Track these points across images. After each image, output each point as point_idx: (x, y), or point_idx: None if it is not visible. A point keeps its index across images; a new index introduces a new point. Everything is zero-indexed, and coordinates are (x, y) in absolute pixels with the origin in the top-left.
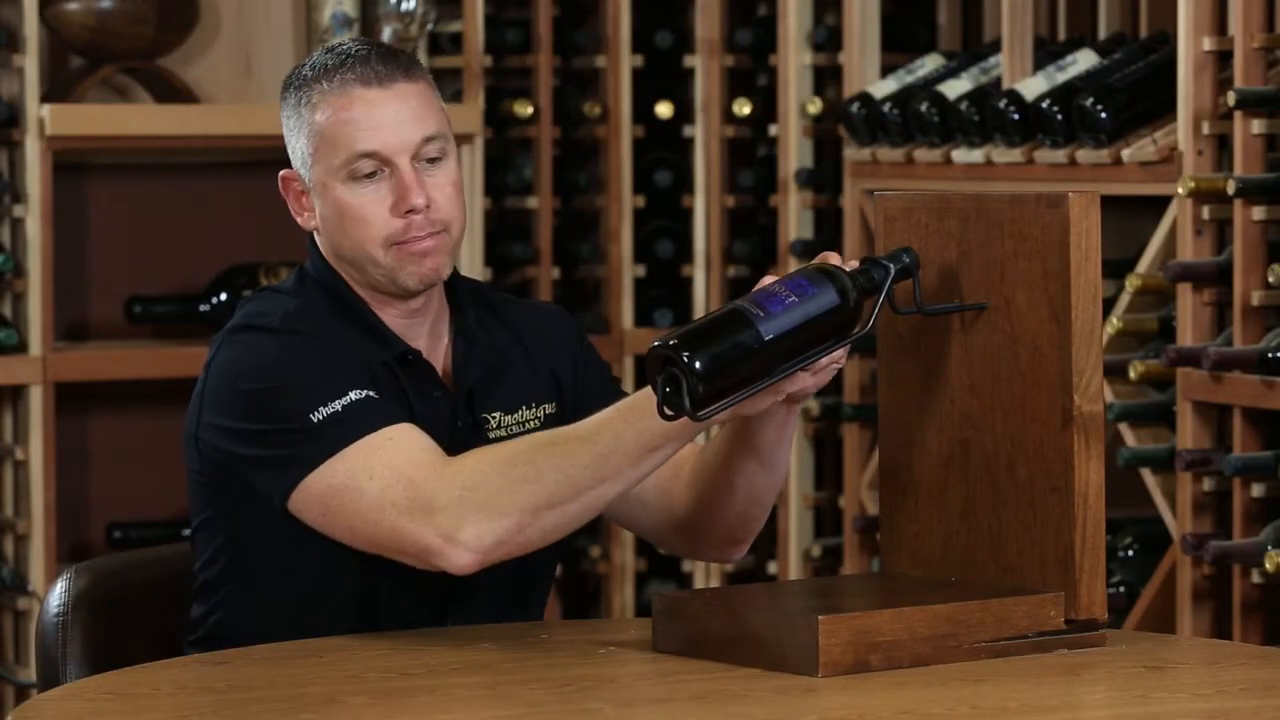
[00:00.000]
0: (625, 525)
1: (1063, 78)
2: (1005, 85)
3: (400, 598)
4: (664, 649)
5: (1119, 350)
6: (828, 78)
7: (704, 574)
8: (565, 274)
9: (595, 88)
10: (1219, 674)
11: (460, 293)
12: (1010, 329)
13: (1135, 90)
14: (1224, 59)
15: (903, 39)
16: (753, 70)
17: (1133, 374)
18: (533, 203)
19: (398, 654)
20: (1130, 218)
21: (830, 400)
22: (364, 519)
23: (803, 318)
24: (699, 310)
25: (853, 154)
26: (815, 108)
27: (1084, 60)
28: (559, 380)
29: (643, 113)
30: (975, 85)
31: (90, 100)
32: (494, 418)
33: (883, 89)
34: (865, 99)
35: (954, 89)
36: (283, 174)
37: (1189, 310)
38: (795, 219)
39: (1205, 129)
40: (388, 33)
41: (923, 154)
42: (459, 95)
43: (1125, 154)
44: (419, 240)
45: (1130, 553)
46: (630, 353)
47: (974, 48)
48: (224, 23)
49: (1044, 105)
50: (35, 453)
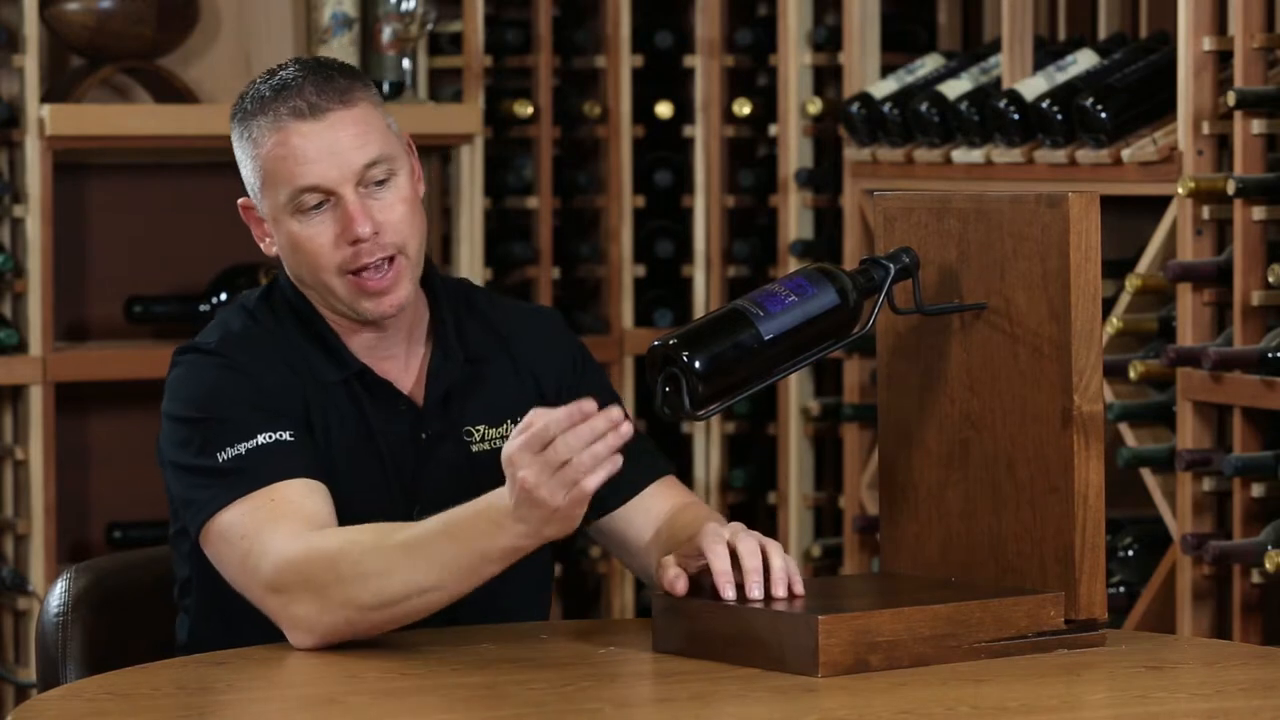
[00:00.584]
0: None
1: (1063, 78)
2: (1005, 85)
3: None
4: (664, 649)
5: (1119, 350)
6: (828, 78)
7: None
8: (565, 274)
9: (595, 88)
10: (1219, 674)
11: (442, 300)
12: (1010, 329)
13: (1135, 90)
14: (1224, 59)
15: (903, 39)
16: (753, 70)
17: (1133, 374)
18: (533, 203)
19: (398, 654)
20: (1130, 218)
21: (830, 400)
22: (235, 574)
23: (802, 317)
24: (699, 310)
25: (853, 154)
26: (815, 108)
27: (1084, 60)
28: (543, 394)
29: (643, 113)
30: (975, 85)
31: (90, 100)
32: (477, 430)
33: (883, 89)
34: (865, 99)
35: (954, 89)
36: (241, 202)
37: (1189, 310)
38: (795, 219)
39: (1205, 129)
40: (388, 33)
41: (923, 154)
42: (459, 95)
43: (1125, 154)
44: (373, 277)
45: (1130, 553)
46: (630, 353)
47: (974, 48)
48: (224, 23)
49: (1044, 105)
50: (35, 453)
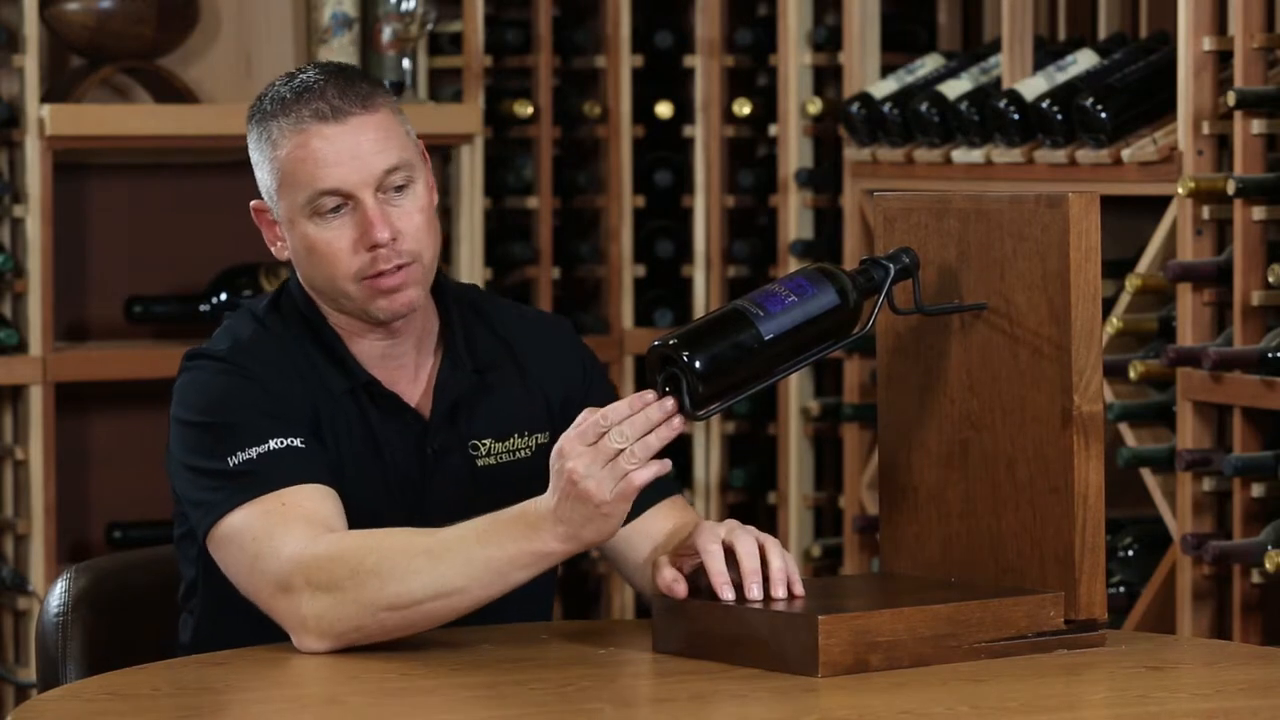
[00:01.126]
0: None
1: (1063, 78)
2: (1005, 85)
3: None
4: (664, 649)
5: (1119, 350)
6: (828, 78)
7: None
8: (565, 274)
9: (595, 88)
10: (1219, 674)
11: (452, 310)
12: (1010, 329)
13: (1135, 90)
14: (1224, 59)
15: (903, 39)
16: (753, 70)
17: (1133, 374)
18: (533, 203)
19: (398, 654)
20: (1130, 218)
21: (830, 400)
22: (243, 578)
23: (802, 318)
24: (699, 310)
25: (853, 154)
26: (815, 108)
27: (1084, 60)
28: (550, 407)
29: (643, 113)
30: (975, 85)
31: (90, 100)
32: (484, 444)
33: (883, 89)
34: (865, 99)
35: (954, 89)
36: (254, 205)
37: (1189, 310)
38: (795, 219)
39: (1205, 129)
40: (388, 33)
41: (923, 154)
42: (459, 95)
43: (1125, 154)
44: (387, 276)
45: (1130, 553)
46: (630, 353)
47: (974, 48)
48: (224, 23)
49: (1044, 105)
50: (35, 453)
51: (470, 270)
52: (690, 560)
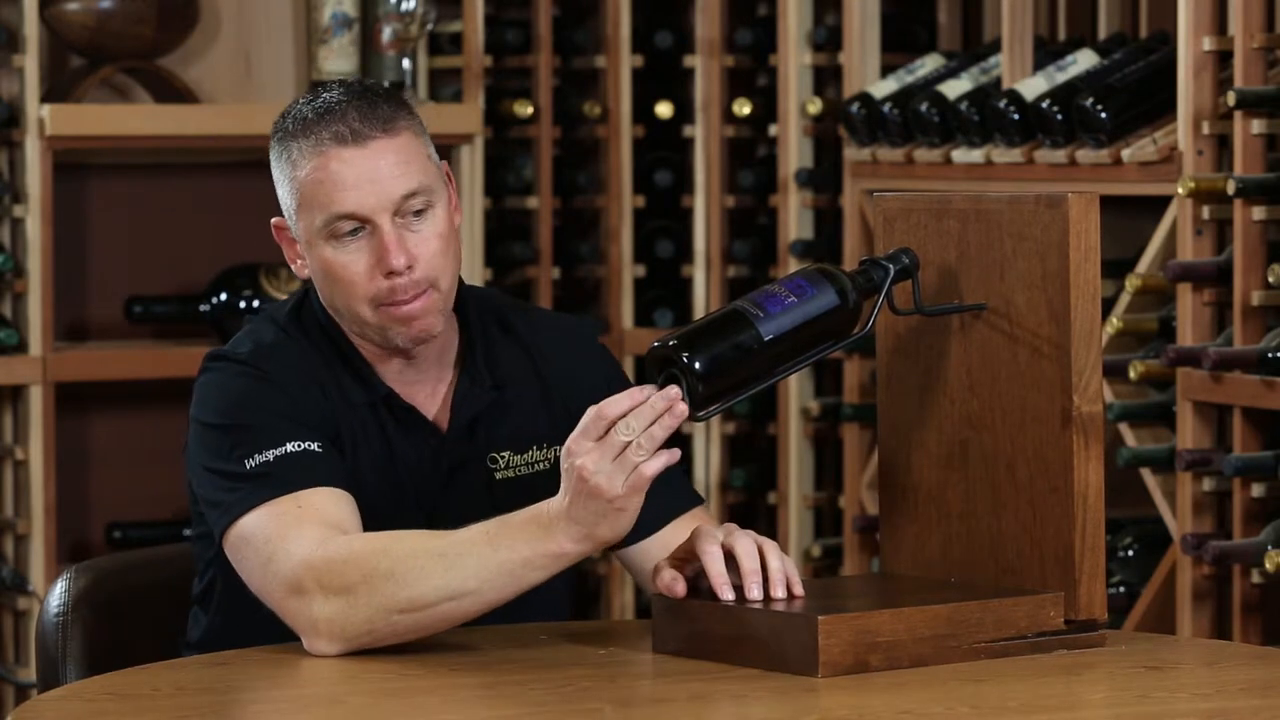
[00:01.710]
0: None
1: (1063, 78)
2: (1005, 85)
3: None
4: (664, 649)
5: (1119, 350)
6: (828, 78)
7: None
8: (565, 274)
9: (595, 88)
10: (1219, 674)
11: (473, 324)
12: (1010, 329)
13: (1135, 90)
14: (1224, 59)
15: (903, 39)
16: (753, 70)
17: (1133, 374)
18: (533, 203)
19: (398, 654)
20: (1130, 218)
21: (830, 400)
22: (256, 579)
23: (802, 318)
24: (699, 310)
25: (853, 154)
26: (815, 108)
27: (1084, 60)
28: (571, 418)
29: (643, 113)
30: (975, 85)
31: (90, 100)
32: (502, 458)
33: (883, 89)
34: (865, 99)
35: (954, 89)
36: (274, 222)
37: (1189, 310)
38: (795, 219)
39: (1205, 129)
40: (388, 33)
41: (923, 154)
42: (459, 95)
43: (1125, 154)
44: (404, 304)
45: (1130, 553)
46: (630, 353)
47: (974, 48)
48: (224, 23)
49: (1044, 105)
50: (35, 453)
51: (470, 270)
52: (690, 564)
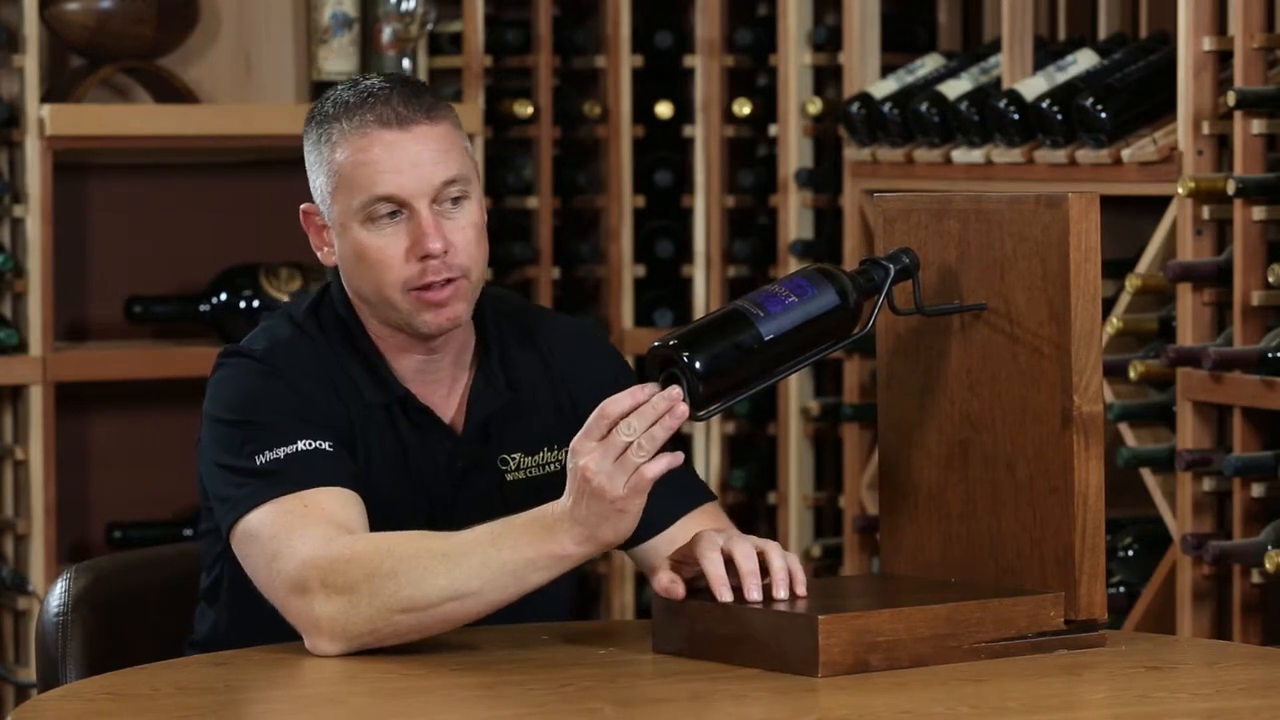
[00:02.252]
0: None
1: (1063, 78)
2: (1005, 85)
3: None
4: (664, 649)
5: (1119, 350)
6: (828, 78)
7: None
8: (565, 274)
9: (595, 88)
10: (1219, 674)
11: (489, 323)
12: (1010, 329)
13: (1135, 90)
14: (1224, 59)
15: (903, 39)
16: (753, 70)
17: (1133, 374)
18: (533, 203)
19: (398, 654)
20: (1130, 218)
21: (830, 400)
22: (261, 576)
23: (802, 318)
24: (699, 310)
25: (853, 154)
26: (815, 108)
27: (1084, 60)
28: (581, 420)
29: (643, 113)
30: (975, 85)
31: (90, 100)
32: (513, 459)
33: (883, 89)
34: (865, 99)
35: (954, 89)
36: (303, 208)
37: (1189, 310)
38: (795, 219)
39: (1205, 129)
40: (388, 33)
41: (923, 154)
42: (459, 95)
43: (1125, 154)
44: (436, 289)
45: (1130, 553)
46: (630, 353)
47: (974, 48)
48: (224, 23)
49: (1044, 105)
50: (35, 453)
51: None
52: (689, 567)
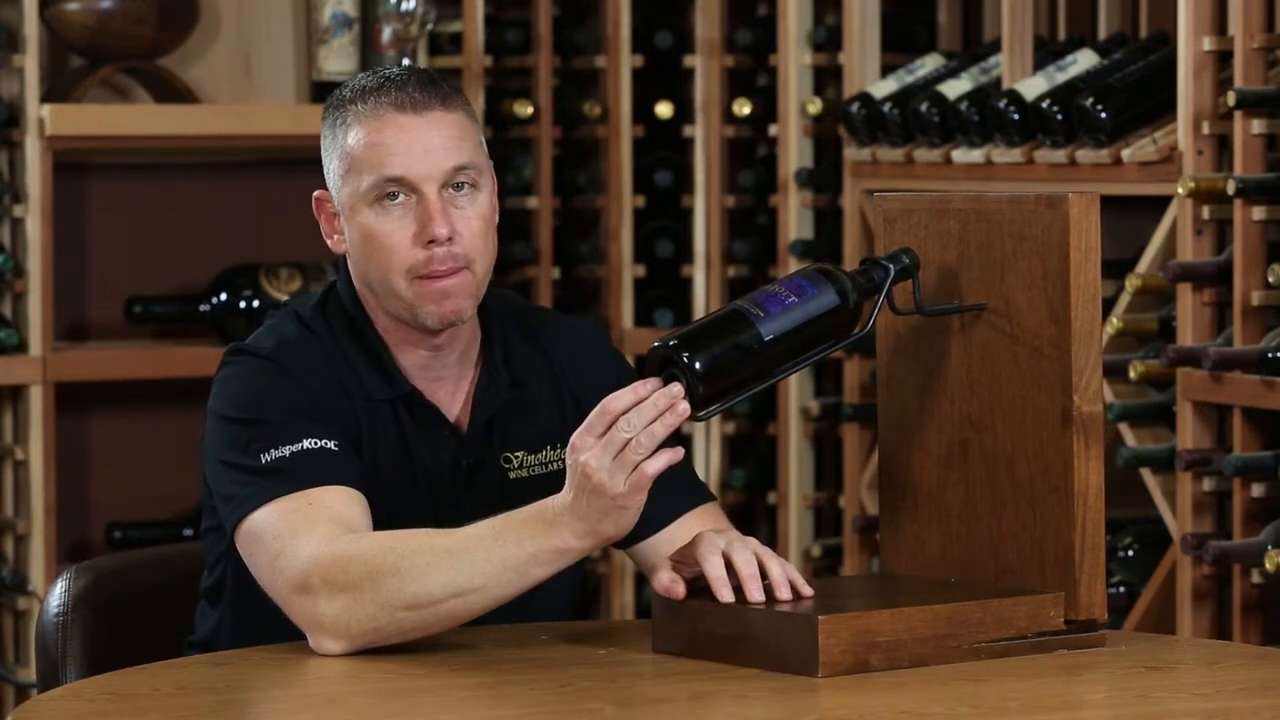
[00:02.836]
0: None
1: (1063, 78)
2: (1005, 85)
3: None
4: (664, 649)
5: (1119, 350)
6: (828, 78)
7: None
8: (565, 274)
9: (595, 88)
10: (1219, 674)
11: (493, 322)
12: (1010, 329)
13: (1135, 90)
14: (1224, 59)
15: (903, 39)
16: (753, 70)
17: (1133, 374)
18: (533, 203)
19: (398, 654)
20: (1130, 218)
21: (830, 400)
22: (265, 576)
23: (802, 318)
24: (699, 310)
25: (853, 154)
26: (815, 108)
27: (1084, 60)
28: (583, 418)
29: (643, 113)
30: (975, 85)
31: (90, 100)
32: (516, 457)
33: (883, 89)
34: (865, 99)
35: (954, 89)
36: (316, 194)
37: (1189, 310)
38: (795, 219)
39: (1205, 129)
40: (388, 33)
41: (923, 154)
42: None
43: (1125, 154)
44: (439, 278)
45: (1130, 553)
46: (630, 353)
47: (974, 48)
48: (224, 23)
49: (1044, 105)
50: (35, 453)
51: None
52: (689, 568)
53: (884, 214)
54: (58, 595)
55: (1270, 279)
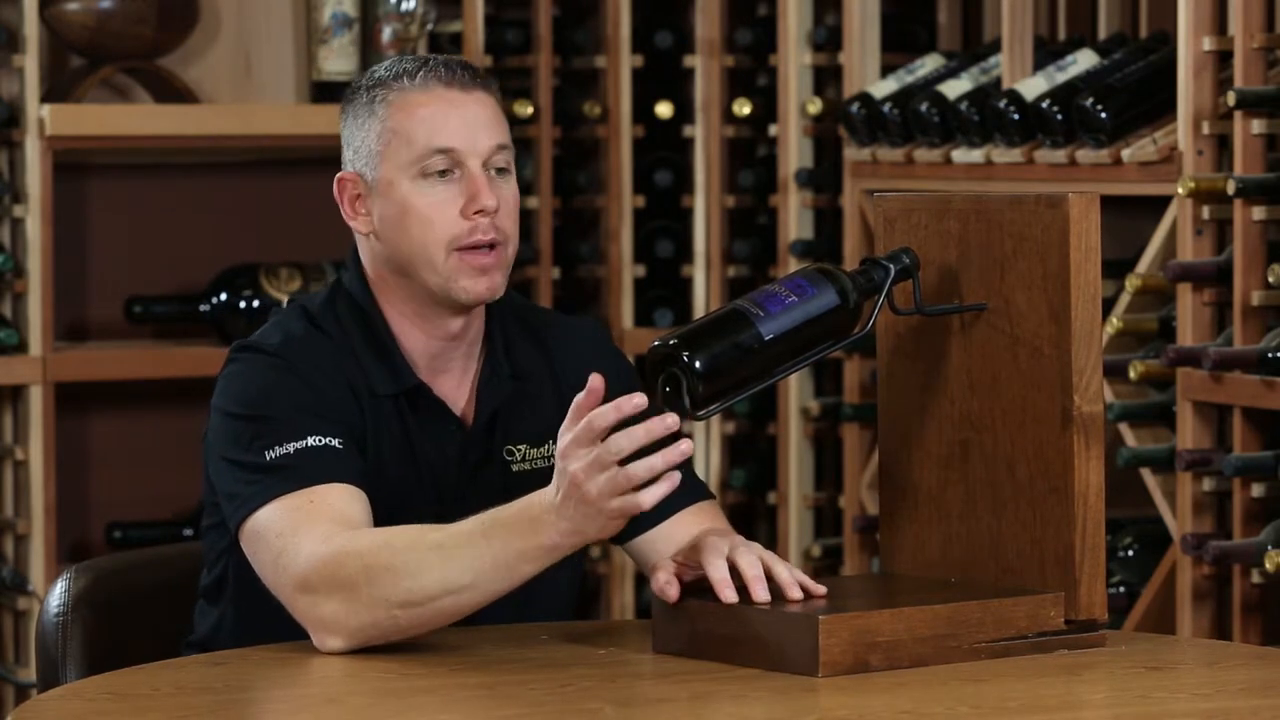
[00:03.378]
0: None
1: (1063, 78)
2: (1005, 85)
3: None
4: (664, 649)
5: (1119, 350)
6: (828, 78)
7: None
8: (565, 274)
9: (595, 88)
10: (1219, 674)
11: (495, 316)
12: (1010, 329)
13: (1135, 90)
14: (1224, 59)
15: (903, 39)
16: (753, 70)
17: (1133, 374)
18: (533, 203)
19: (398, 654)
20: (1130, 218)
21: (830, 400)
22: (268, 573)
23: (802, 318)
24: (699, 310)
25: (853, 154)
26: (815, 108)
27: (1084, 60)
28: None
29: (643, 113)
30: (975, 85)
31: (90, 100)
32: (519, 450)
33: (883, 89)
34: (865, 99)
35: (954, 89)
36: (339, 175)
37: (1189, 310)
38: (795, 219)
39: (1205, 129)
40: (388, 33)
41: (923, 154)
42: None
43: (1125, 154)
44: (480, 253)
45: (1130, 553)
46: (630, 353)
47: (974, 48)
48: (224, 23)
49: (1044, 105)
50: (35, 453)
51: None
52: (691, 569)
53: (884, 214)
54: (58, 595)
55: (1270, 279)
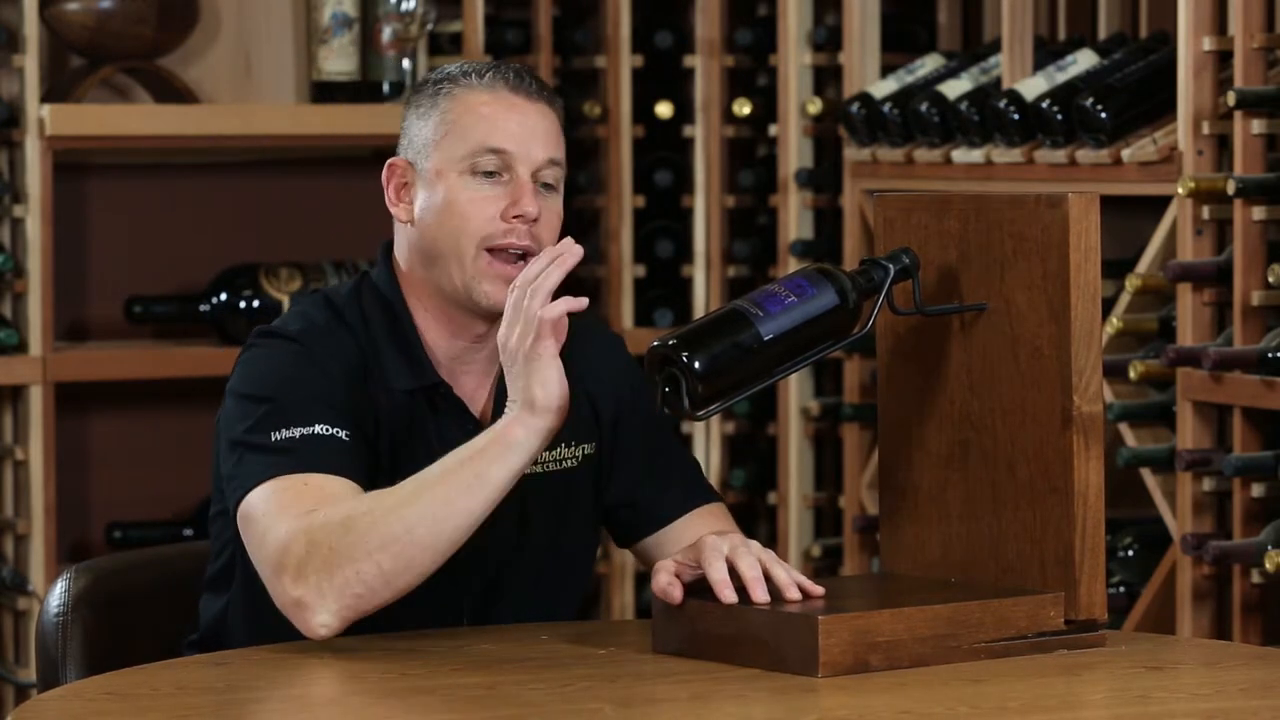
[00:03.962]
0: None
1: (1063, 78)
2: (1005, 85)
3: (417, 605)
4: (664, 650)
5: (1119, 350)
6: (828, 78)
7: None
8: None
9: (595, 88)
10: (1219, 674)
11: None
12: (1010, 329)
13: (1135, 90)
14: (1224, 59)
15: (903, 39)
16: (753, 70)
17: (1133, 374)
18: None
19: (398, 654)
20: (1130, 218)
21: (830, 400)
22: (255, 551)
23: (802, 318)
24: (699, 310)
25: (853, 154)
26: (815, 108)
27: (1084, 60)
28: (599, 417)
29: (643, 113)
30: (975, 85)
31: (90, 100)
32: None
33: (883, 89)
34: (865, 99)
35: (954, 89)
36: (391, 160)
37: (1189, 310)
38: (795, 219)
39: (1205, 129)
40: (388, 33)
41: (923, 154)
42: None
43: (1125, 154)
44: (509, 262)
45: (1130, 553)
46: (630, 353)
47: (974, 48)
48: (224, 23)
49: (1044, 105)
50: (35, 453)
51: None
52: (691, 571)
53: (884, 214)
54: (58, 595)
55: (1270, 279)
